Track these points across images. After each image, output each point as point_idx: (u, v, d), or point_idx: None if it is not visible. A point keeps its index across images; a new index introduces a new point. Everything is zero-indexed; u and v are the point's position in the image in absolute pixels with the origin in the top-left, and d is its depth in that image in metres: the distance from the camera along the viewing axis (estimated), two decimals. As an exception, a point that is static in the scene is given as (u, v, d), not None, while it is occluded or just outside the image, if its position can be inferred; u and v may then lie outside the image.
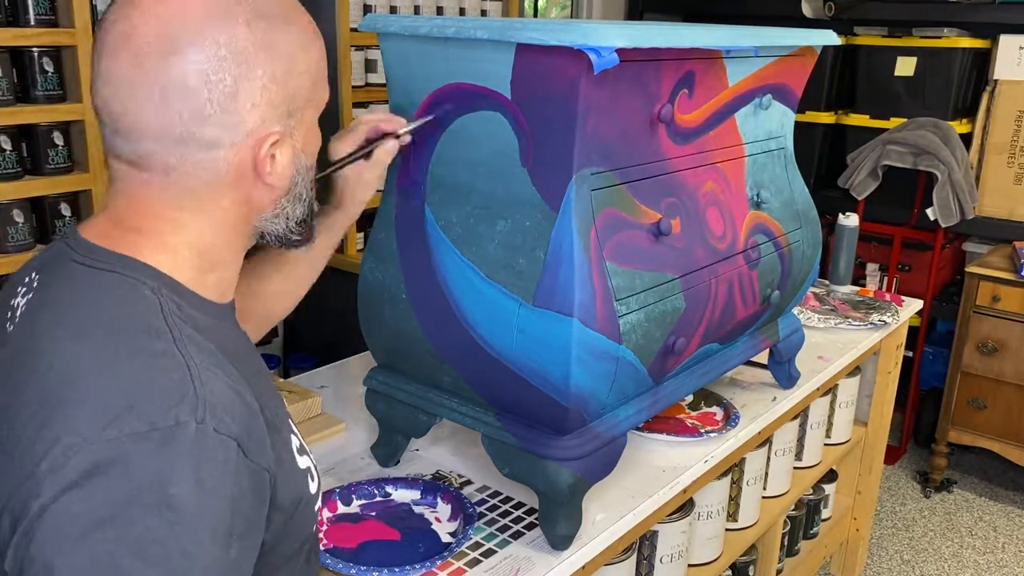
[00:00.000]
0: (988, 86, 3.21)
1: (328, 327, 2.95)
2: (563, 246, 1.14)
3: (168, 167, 0.80)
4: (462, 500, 1.36)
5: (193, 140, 0.78)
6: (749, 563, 2.00)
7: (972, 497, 3.21)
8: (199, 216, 0.82)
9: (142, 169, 0.80)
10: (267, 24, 0.81)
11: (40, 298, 0.80)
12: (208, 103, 0.78)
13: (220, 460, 0.72)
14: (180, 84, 0.76)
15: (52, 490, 0.67)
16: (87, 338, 0.74)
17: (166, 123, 0.77)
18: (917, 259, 3.34)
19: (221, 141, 0.80)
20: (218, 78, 0.77)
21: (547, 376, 1.17)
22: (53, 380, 0.73)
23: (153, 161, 0.79)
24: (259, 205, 0.86)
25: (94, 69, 0.79)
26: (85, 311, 0.76)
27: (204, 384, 0.73)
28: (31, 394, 0.73)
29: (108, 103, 0.78)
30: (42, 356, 0.75)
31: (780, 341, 1.73)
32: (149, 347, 0.74)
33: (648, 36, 1.13)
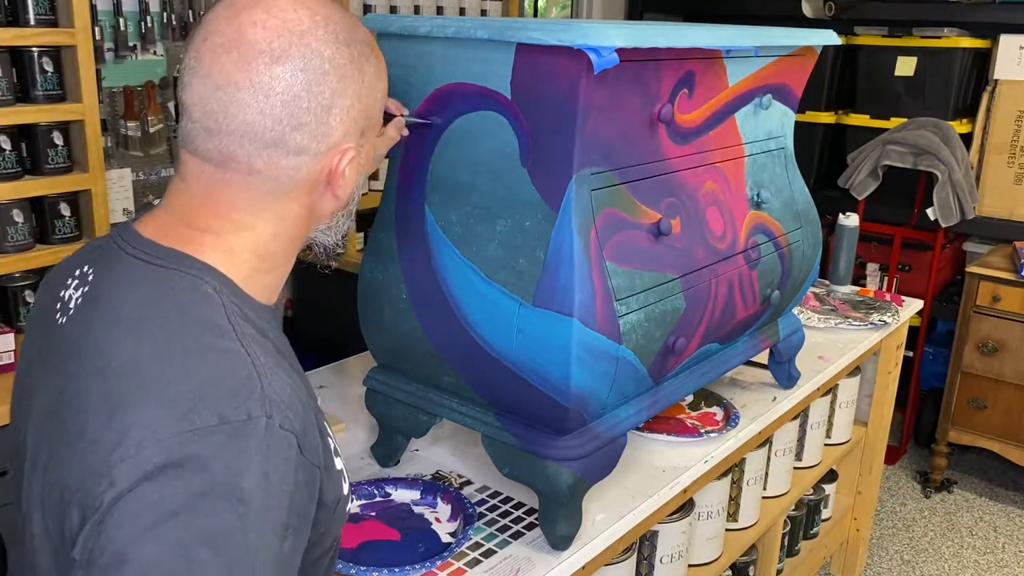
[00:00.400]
0: (988, 86, 3.21)
1: (328, 327, 2.95)
2: (563, 246, 1.14)
3: (252, 169, 0.82)
4: (462, 500, 1.36)
5: (284, 145, 0.82)
6: (749, 563, 2.00)
7: (972, 497, 3.21)
8: (267, 220, 0.85)
9: (225, 169, 0.82)
10: (359, 50, 0.86)
11: (96, 292, 0.82)
12: (307, 112, 0.81)
13: (284, 456, 0.74)
14: (284, 90, 0.80)
15: (125, 482, 0.68)
16: (149, 336, 0.76)
17: (264, 125, 0.80)
18: (917, 259, 3.34)
19: (308, 149, 0.83)
20: (319, 90, 0.82)
21: (547, 376, 1.17)
22: (115, 375, 0.74)
23: (239, 161, 0.82)
24: (320, 215, 0.90)
25: (190, 68, 0.81)
26: (146, 307, 0.78)
27: (269, 382, 0.75)
28: (93, 388, 0.74)
29: (205, 100, 0.80)
30: (101, 352, 0.76)
31: (780, 341, 1.73)
32: (215, 344, 0.76)
33: (648, 36, 1.13)
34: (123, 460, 0.69)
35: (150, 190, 2.54)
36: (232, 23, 0.80)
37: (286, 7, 0.81)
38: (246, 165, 0.82)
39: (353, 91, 0.85)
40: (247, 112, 0.80)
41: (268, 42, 0.79)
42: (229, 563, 0.69)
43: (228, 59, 0.79)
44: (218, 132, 0.81)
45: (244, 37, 0.79)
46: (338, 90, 0.83)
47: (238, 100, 0.79)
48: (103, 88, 2.37)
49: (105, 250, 0.85)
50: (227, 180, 0.82)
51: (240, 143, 0.81)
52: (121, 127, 2.44)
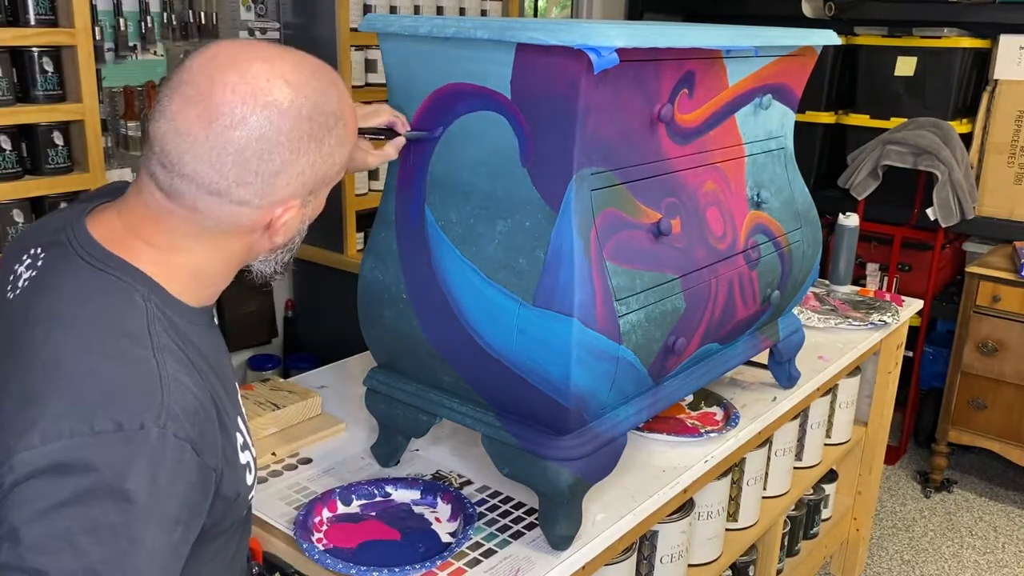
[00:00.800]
0: (988, 86, 3.21)
1: (328, 327, 2.95)
2: (563, 246, 1.14)
3: (196, 208, 0.90)
4: (462, 500, 1.36)
5: (227, 196, 0.89)
6: (749, 563, 2.00)
7: (972, 497, 3.21)
8: (205, 249, 0.93)
9: (172, 200, 0.90)
10: (323, 121, 0.92)
11: (41, 282, 0.91)
12: (254, 174, 0.89)
13: (175, 461, 0.83)
14: (236, 152, 0.87)
15: (23, 470, 0.78)
16: (75, 333, 0.84)
17: (211, 177, 0.88)
18: (917, 259, 3.34)
19: (250, 203, 0.90)
20: (270, 158, 0.89)
21: (547, 376, 1.17)
22: (39, 367, 0.83)
23: (184, 199, 0.89)
24: (257, 251, 0.99)
25: (162, 104, 0.89)
26: (78, 307, 0.86)
27: (170, 393, 0.84)
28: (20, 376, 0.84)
29: (166, 140, 0.88)
30: (34, 344, 0.85)
31: (780, 341, 1.73)
32: (129, 352, 0.84)
33: (648, 36, 1.13)
34: (27, 449, 0.78)
35: (150, 190, 2.53)
36: (207, 79, 0.87)
37: (259, 75, 0.88)
38: (191, 204, 0.89)
39: (307, 161, 0.92)
40: (199, 163, 0.87)
41: (231, 106, 0.86)
42: (108, 551, 0.78)
43: (194, 111, 0.86)
44: (171, 170, 0.88)
45: (213, 96, 0.86)
46: (289, 160, 0.90)
47: (193, 150, 0.87)
48: (103, 88, 2.37)
49: (58, 241, 0.93)
50: (173, 210, 0.90)
51: (188, 185, 0.88)
52: (121, 127, 2.44)
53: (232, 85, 0.86)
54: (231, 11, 2.66)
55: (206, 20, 2.55)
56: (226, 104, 0.86)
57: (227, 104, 0.86)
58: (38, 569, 0.76)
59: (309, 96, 0.90)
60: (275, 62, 0.90)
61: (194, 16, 2.53)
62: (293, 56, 0.92)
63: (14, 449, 0.79)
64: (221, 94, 0.86)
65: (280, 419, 1.57)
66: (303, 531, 1.26)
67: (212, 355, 0.96)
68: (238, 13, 2.68)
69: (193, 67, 0.89)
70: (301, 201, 0.94)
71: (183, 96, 0.87)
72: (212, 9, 2.57)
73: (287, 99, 0.88)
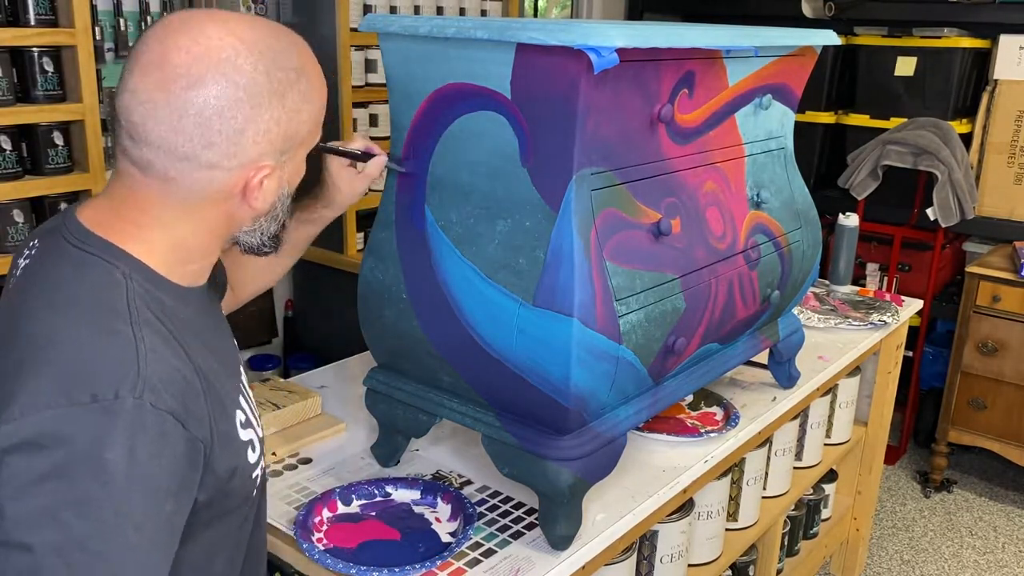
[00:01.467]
0: (988, 86, 3.21)
1: (328, 327, 2.95)
2: (563, 246, 1.14)
3: (167, 177, 0.90)
4: (462, 500, 1.36)
5: (195, 159, 0.89)
6: (749, 563, 2.00)
7: (972, 497, 3.21)
8: (184, 220, 0.93)
9: (145, 174, 0.90)
10: (283, 76, 0.92)
11: (33, 269, 0.93)
12: (218, 133, 0.88)
13: (156, 431, 0.82)
14: (196, 113, 0.87)
15: (4, 443, 0.78)
16: (61, 312, 0.86)
17: (176, 142, 0.88)
18: (917, 259, 3.34)
19: (220, 165, 0.90)
20: (231, 115, 0.88)
21: (547, 376, 1.17)
22: (24, 345, 0.84)
23: (155, 169, 0.90)
24: (239, 220, 0.98)
25: (123, 78, 0.89)
26: (65, 289, 0.88)
27: (148, 364, 0.84)
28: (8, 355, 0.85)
29: (130, 112, 0.88)
30: (23, 325, 0.87)
31: (780, 341, 1.73)
32: (108, 325, 0.85)
33: (648, 36, 1.13)
34: (7, 422, 0.79)
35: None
36: (161, 44, 0.88)
37: (212, 34, 0.88)
38: (162, 173, 0.90)
39: (271, 116, 0.91)
40: (162, 128, 0.87)
41: (187, 67, 0.87)
42: (92, 524, 0.78)
43: (151, 78, 0.87)
44: (139, 141, 0.89)
45: (168, 59, 0.87)
46: (251, 116, 0.89)
47: (156, 116, 0.87)
48: (103, 88, 2.37)
49: (51, 229, 0.96)
50: (148, 183, 0.91)
51: (156, 154, 0.89)
52: (121, 127, 2.44)
53: (186, 47, 0.87)
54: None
55: (206, 20, 2.55)
56: (181, 66, 0.86)
57: (182, 65, 0.86)
58: (23, 543, 0.76)
59: (265, 52, 0.90)
60: (229, 22, 0.90)
61: (194, 16, 2.52)
62: (249, 17, 0.93)
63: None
64: (176, 56, 0.86)
65: (280, 419, 1.57)
66: (303, 531, 1.26)
67: (206, 333, 0.96)
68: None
69: (148, 37, 0.89)
70: (274, 161, 0.93)
71: (141, 65, 0.88)
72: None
73: (242, 56, 0.88)
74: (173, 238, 0.93)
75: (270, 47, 0.91)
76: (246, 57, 0.88)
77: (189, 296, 0.96)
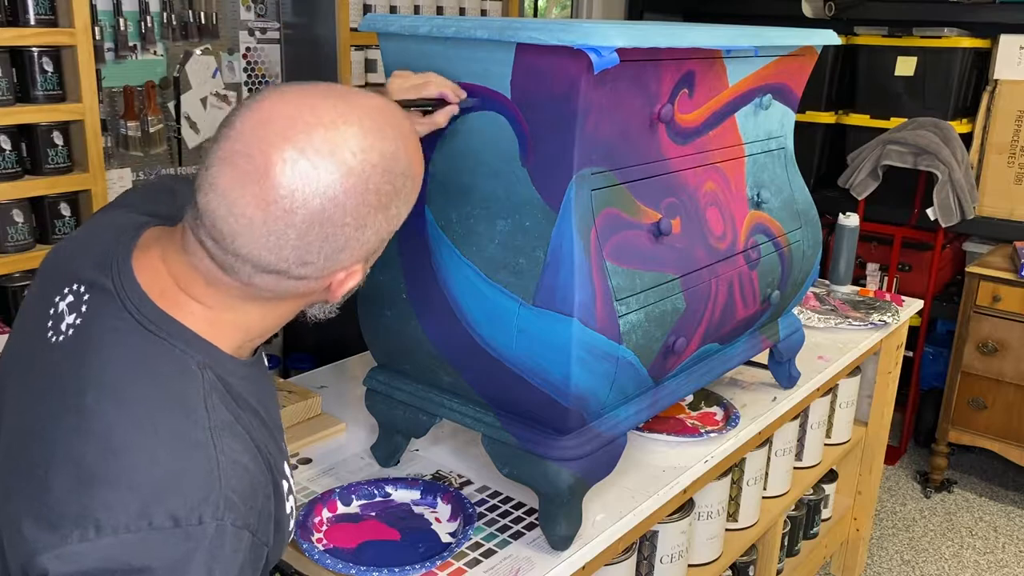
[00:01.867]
0: (988, 86, 3.21)
1: (328, 327, 2.95)
2: (563, 246, 1.14)
3: (252, 283, 0.83)
4: (462, 500, 1.36)
5: (287, 274, 0.82)
6: (749, 563, 2.00)
7: (972, 497, 3.21)
8: (261, 311, 0.87)
9: (225, 273, 0.82)
10: (390, 188, 0.83)
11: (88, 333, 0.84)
12: (317, 254, 0.81)
13: (233, 549, 0.79)
14: (296, 236, 0.79)
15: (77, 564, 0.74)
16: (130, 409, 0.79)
17: (267, 258, 0.80)
18: (917, 259, 3.34)
19: (310, 276, 0.83)
20: (333, 239, 0.81)
21: (547, 376, 1.17)
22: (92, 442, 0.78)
23: (240, 275, 0.82)
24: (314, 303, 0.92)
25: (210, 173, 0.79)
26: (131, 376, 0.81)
27: (228, 480, 0.80)
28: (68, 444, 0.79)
29: (217, 217, 0.79)
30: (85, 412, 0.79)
31: (780, 341, 1.73)
32: (186, 435, 0.80)
33: (648, 36, 1.13)
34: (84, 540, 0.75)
35: (150, 190, 2.53)
36: (261, 152, 0.77)
37: (322, 148, 0.78)
38: (246, 279, 0.82)
39: (373, 231, 0.84)
40: (255, 246, 0.79)
41: (291, 188, 0.77)
42: None
43: (249, 191, 0.77)
44: (224, 248, 0.80)
45: (270, 174, 0.77)
46: (354, 237, 0.82)
47: (249, 233, 0.78)
48: (103, 88, 2.37)
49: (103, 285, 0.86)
50: (226, 280, 0.83)
51: (243, 265, 0.81)
52: (121, 127, 2.44)
53: (291, 161, 0.76)
54: (231, 11, 2.66)
55: (206, 20, 2.56)
56: (285, 185, 0.76)
57: (286, 186, 0.76)
58: None
59: (377, 164, 0.81)
60: (339, 127, 0.79)
61: (194, 16, 2.53)
62: (357, 114, 0.81)
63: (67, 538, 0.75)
64: (280, 172, 0.76)
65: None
66: (303, 531, 1.26)
67: (262, 403, 0.92)
68: (238, 13, 2.69)
69: (245, 131, 0.78)
70: (365, 263, 0.88)
71: (235, 169, 0.77)
72: (212, 9, 2.57)
73: (353, 173, 0.79)
74: (244, 323, 0.87)
75: (381, 154, 0.82)
76: (359, 174, 0.80)
77: (250, 370, 0.91)
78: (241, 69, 2.72)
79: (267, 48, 2.78)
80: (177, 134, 2.59)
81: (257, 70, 2.77)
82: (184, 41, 2.54)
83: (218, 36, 2.62)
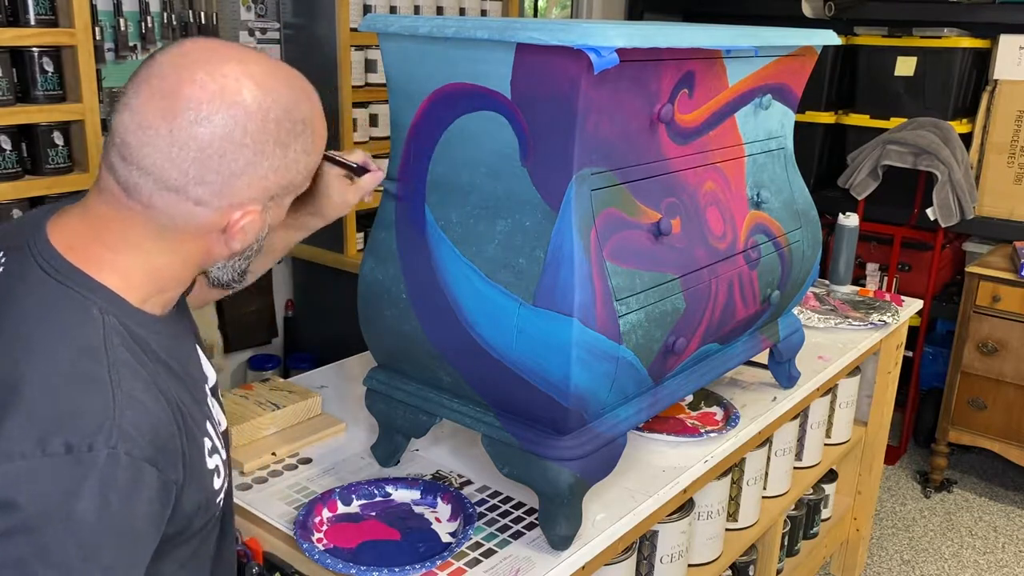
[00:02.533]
0: (988, 86, 3.21)
1: (328, 327, 2.95)
2: (563, 246, 1.14)
3: (151, 204, 0.88)
4: (462, 500, 1.36)
5: (184, 192, 0.88)
6: (749, 563, 2.00)
7: (972, 497, 3.21)
8: (162, 250, 0.92)
9: (129, 196, 0.88)
10: (290, 127, 0.91)
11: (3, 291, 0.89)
12: (214, 172, 0.87)
13: (129, 480, 0.81)
14: (198, 149, 0.86)
15: None
16: (34, 351, 0.83)
17: (169, 172, 0.86)
18: (917, 259, 3.34)
19: (207, 202, 0.89)
20: (232, 158, 0.87)
21: (547, 376, 1.17)
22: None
23: (140, 193, 0.88)
24: (215, 255, 0.96)
25: (126, 94, 0.87)
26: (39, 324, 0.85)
27: (123, 412, 0.83)
28: None
29: (127, 131, 0.86)
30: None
31: (780, 341, 1.73)
32: (85, 370, 0.83)
33: (648, 36, 1.13)
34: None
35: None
36: (176, 72, 0.86)
37: (229, 73, 0.87)
38: (147, 199, 0.88)
39: (270, 164, 0.90)
40: (158, 155, 0.85)
41: (198, 102, 0.85)
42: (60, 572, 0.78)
43: (158, 104, 0.85)
44: (130, 162, 0.86)
45: (180, 90, 0.85)
46: (253, 161, 0.89)
47: (154, 143, 0.85)
48: (103, 88, 2.37)
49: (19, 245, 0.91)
50: (130, 207, 0.88)
51: (145, 179, 0.87)
52: (121, 127, 2.44)
53: (201, 82, 0.85)
54: (231, 11, 2.66)
55: (206, 20, 2.55)
56: (193, 99, 0.85)
57: (194, 99, 0.85)
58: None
59: (279, 100, 0.89)
60: (248, 64, 0.88)
61: (194, 16, 2.53)
62: (268, 61, 0.91)
63: None
64: (189, 89, 0.85)
65: (280, 419, 1.57)
66: (303, 531, 1.26)
67: (176, 360, 0.95)
68: (238, 13, 2.69)
69: (163, 61, 0.87)
70: (261, 206, 0.93)
71: (149, 88, 0.86)
72: (212, 9, 2.57)
73: (256, 100, 0.87)
74: (149, 267, 0.91)
75: (284, 95, 0.90)
76: (260, 103, 0.88)
77: (161, 325, 0.94)
78: (241, 69, 2.72)
79: (267, 48, 2.78)
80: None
81: (257, 70, 2.76)
82: (184, 41, 2.54)
83: (218, 36, 2.61)
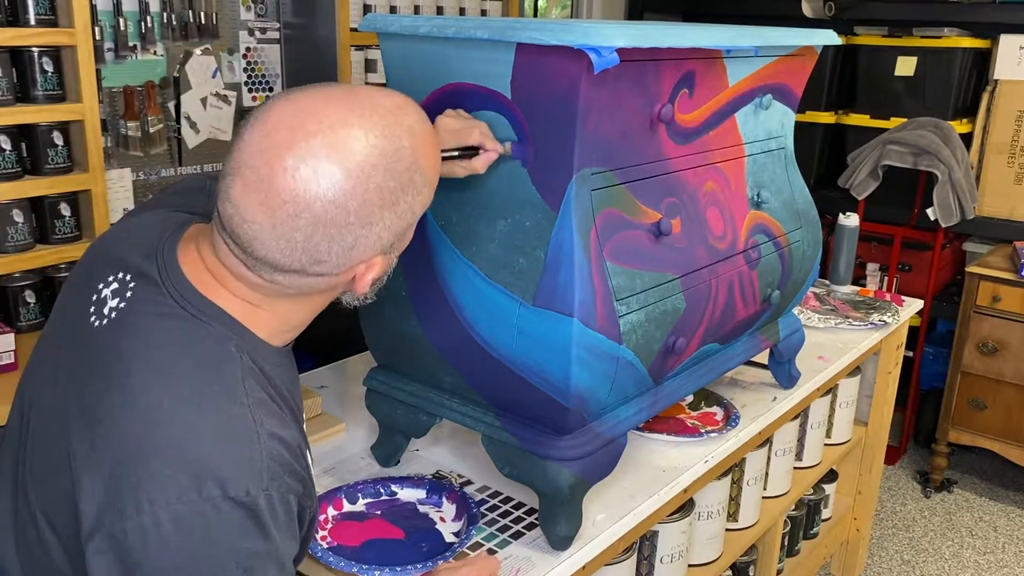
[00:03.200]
0: (988, 86, 3.21)
1: (328, 327, 2.95)
2: (563, 246, 1.14)
3: (274, 280, 0.89)
4: (467, 500, 1.35)
5: (303, 272, 0.87)
6: (749, 563, 2.00)
7: (972, 497, 3.21)
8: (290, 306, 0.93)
9: (249, 271, 0.88)
10: (395, 185, 0.86)
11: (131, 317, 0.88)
12: (327, 253, 0.86)
13: (283, 514, 0.84)
14: (303, 239, 0.84)
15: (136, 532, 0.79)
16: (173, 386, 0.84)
17: (282, 260, 0.85)
18: (917, 259, 3.34)
19: (328, 272, 0.88)
20: (340, 238, 0.85)
21: (547, 376, 1.17)
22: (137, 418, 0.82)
23: (261, 274, 0.88)
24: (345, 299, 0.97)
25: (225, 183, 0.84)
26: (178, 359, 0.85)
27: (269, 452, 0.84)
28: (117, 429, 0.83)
29: (234, 225, 0.85)
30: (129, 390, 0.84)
31: (780, 341, 1.73)
32: (228, 410, 0.84)
33: (648, 36, 1.13)
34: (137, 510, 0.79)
35: (150, 190, 2.54)
36: (264, 159, 0.82)
37: (319, 153, 0.82)
38: (268, 277, 0.88)
39: (383, 226, 0.87)
40: (268, 249, 0.84)
41: (293, 193, 0.81)
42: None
43: (255, 198, 0.82)
44: (243, 249, 0.86)
45: (273, 182, 0.81)
46: (362, 235, 0.86)
47: (260, 238, 0.84)
48: (103, 88, 2.37)
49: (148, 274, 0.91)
50: (252, 277, 0.89)
51: (262, 266, 0.87)
52: (121, 127, 2.44)
53: (291, 169, 0.81)
54: (231, 11, 2.66)
55: (206, 20, 2.55)
56: (287, 192, 0.81)
57: (288, 192, 0.81)
58: None
59: (378, 163, 0.84)
60: (338, 131, 0.82)
61: (194, 16, 2.53)
62: (356, 114, 0.84)
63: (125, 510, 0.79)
64: (281, 180, 0.81)
65: (280, 419, 1.57)
66: (303, 531, 1.26)
67: (289, 390, 0.96)
68: (238, 13, 2.68)
69: (252, 143, 0.83)
70: (383, 255, 0.91)
71: (243, 180, 0.82)
72: (212, 9, 2.57)
73: (351, 176, 0.82)
74: (278, 314, 0.92)
75: (382, 152, 0.85)
76: (358, 175, 0.83)
77: (280, 356, 0.95)
78: (241, 69, 2.72)
79: (267, 48, 2.78)
80: (177, 134, 2.59)
81: (257, 70, 2.76)
82: (184, 41, 2.54)
83: (218, 36, 2.61)
